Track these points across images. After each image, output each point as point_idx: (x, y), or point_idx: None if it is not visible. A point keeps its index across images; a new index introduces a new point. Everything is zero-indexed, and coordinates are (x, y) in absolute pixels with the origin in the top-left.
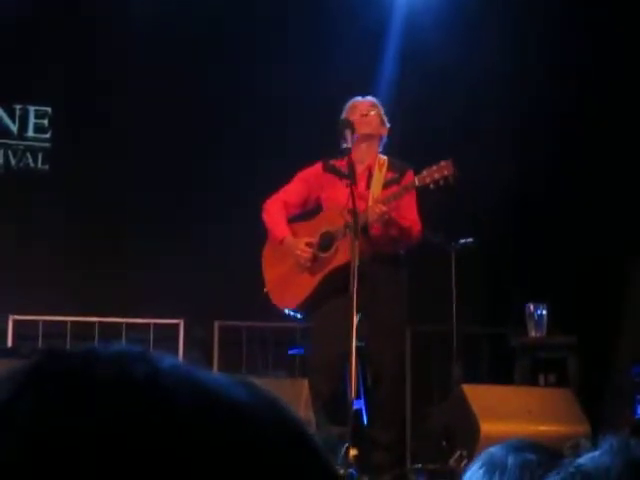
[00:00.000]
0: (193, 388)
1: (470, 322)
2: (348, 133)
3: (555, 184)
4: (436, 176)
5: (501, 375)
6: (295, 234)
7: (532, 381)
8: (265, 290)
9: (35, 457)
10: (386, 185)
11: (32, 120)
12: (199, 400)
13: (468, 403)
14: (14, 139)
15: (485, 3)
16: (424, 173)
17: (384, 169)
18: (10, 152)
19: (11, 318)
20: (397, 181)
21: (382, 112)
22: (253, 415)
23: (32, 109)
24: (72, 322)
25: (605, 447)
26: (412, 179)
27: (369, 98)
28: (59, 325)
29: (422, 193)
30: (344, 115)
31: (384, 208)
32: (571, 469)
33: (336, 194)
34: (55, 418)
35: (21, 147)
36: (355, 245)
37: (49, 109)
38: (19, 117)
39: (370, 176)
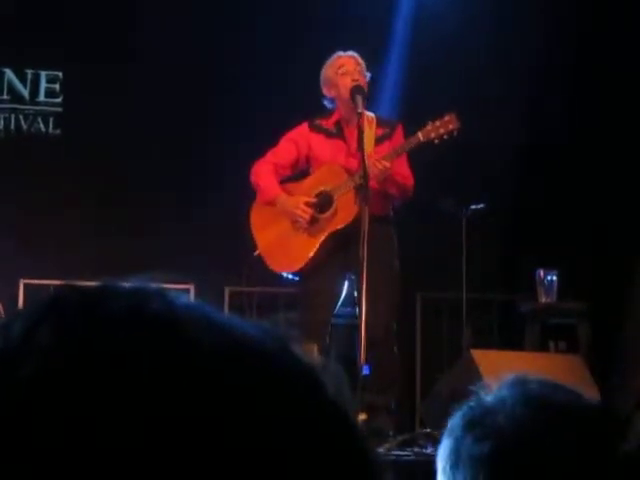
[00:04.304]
0: (208, 324)
1: (480, 288)
2: (330, 92)
3: (567, 148)
4: (441, 131)
5: (511, 341)
6: (289, 195)
7: (542, 347)
8: (256, 253)
9: (51, 388)
10: (378, 141)
11: (43, 85)
12: (213, 335)
13: (477, 368)
14: (25, 104)
15: None
16: (429, 127)
17: (373, 126)
18: (22, 117)
19: (22, 282)
20: (388, 137)
21: (364, 67)
22: (266, 352)
23: (43, 74)
24: None
25: (504, 383)
26: (416, 135)
27: (350, 53)
28: None
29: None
30: (325, 72)
31: (387, 164)
32: (472, 403)
33: (325, 153)
34: (72, 349)
35: (32, 112)
36: (365, 210)
37: (60, 74)
38: (30, 82)
39: (360, 134)
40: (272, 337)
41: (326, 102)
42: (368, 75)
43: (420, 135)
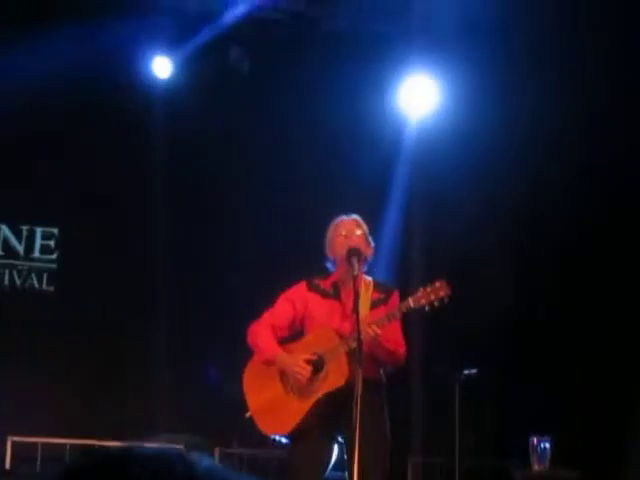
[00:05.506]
0: None
1: (473, 454)
2: (331, 254)
3: (560, 315)
4: (432, 297)
5: None
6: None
7: None
8: (248, 414)
9: None
10: (373, 305)
11: (38, 241)
12: None
13: None
14: (20, 259)
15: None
16: (419, 294)
17: (370, 290)
18: (15, 272)
19: (10, 439)
20: (384, 301)
21: (366, 231)
22: None
23: (39, 230)
24: (71, 445)
25: None
26: (407, 301)
27: (353, 217)
28: (58, 448)
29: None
30: (328, 235)
31: (378, 330)
32: None
33: (321, 314)
34: None
35: (27, 267)
36: (359, 372)
37: (56, 230)
38: (26, 238)
39: (356, 296)
40: None
41: (329, 264)
42: (371, 240)
43: (411, 301)
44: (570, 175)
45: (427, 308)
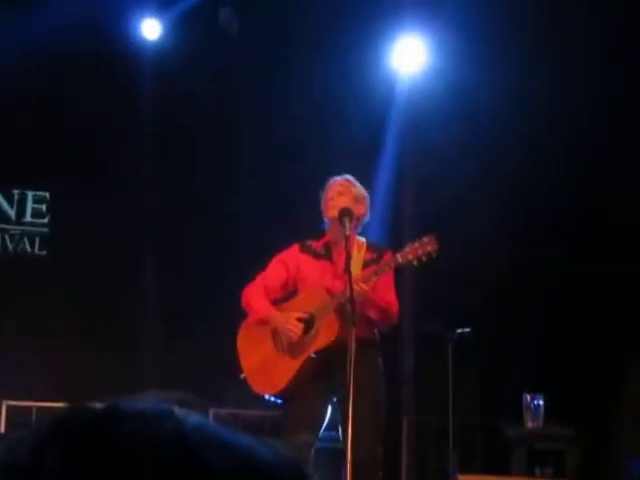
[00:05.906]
0: (219, 447)
1: (467, 412)
2: (325, 216)
3: (553, 275)
4: (419, 252)
5: (497, 466)
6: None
7: (529, 473)
8: (242, 376)
9: None
10: (365, 265)
11: (30, 205)
12: (224, 459)
13: None
14: (12, 224)
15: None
16: (407, 249)
17: (362, 250)
18: (7, 237)
19: (4, 404)
20: (376, 261)
21: (359, 190)
22: (276, 474)
23: (30, 194)
24: None
25: None
26: (395, 257)
27: (345, 177)
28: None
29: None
30: (322, 196)
31: (365, 287)
32: None
33: (312, 274)
34: (80, 475)
35: (18, 232)
36: (352, 333)
37: (47, 194)
38: (17, 202)
39: (348, 256)
40: (285, 459)
41: (325, 225)
42: (366, 199)
43: (399, 256)
44: (555, 128)
45: (415, 263)
